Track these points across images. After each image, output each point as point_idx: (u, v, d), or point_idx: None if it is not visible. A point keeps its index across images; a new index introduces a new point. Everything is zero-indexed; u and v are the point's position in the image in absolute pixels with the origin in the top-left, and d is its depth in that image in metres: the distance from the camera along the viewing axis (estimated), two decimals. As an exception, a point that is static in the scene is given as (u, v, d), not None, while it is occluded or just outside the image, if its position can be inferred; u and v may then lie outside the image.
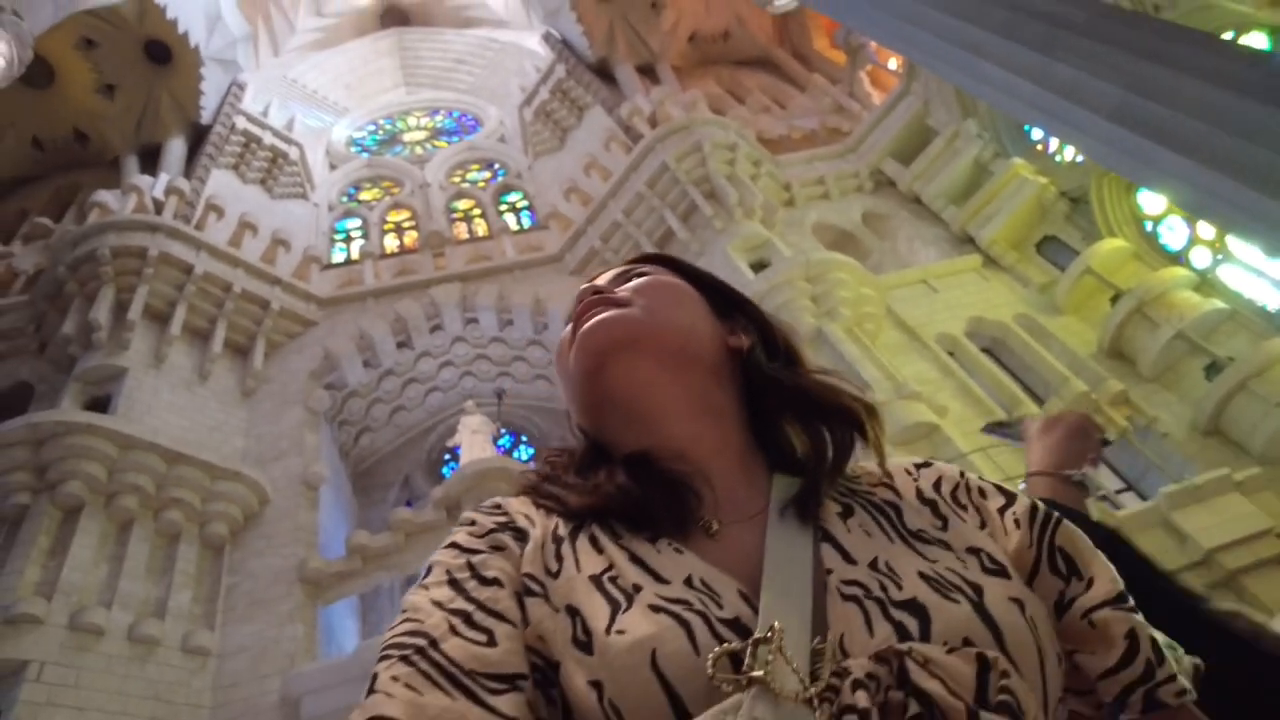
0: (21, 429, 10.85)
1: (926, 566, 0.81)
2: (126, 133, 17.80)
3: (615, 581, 0.79)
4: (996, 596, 0.78)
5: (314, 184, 19.26)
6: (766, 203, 14.86)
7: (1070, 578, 0.89)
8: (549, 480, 0.96)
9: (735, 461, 0.93)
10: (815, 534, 0.85)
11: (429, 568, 0.84)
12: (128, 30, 16.67)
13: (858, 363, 11.23)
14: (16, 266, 15.45)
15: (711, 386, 0.97)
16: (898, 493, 0.96)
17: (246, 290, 14.43)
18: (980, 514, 0.94)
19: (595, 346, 0.95)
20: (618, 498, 0.87)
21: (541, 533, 0.87)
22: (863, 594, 0.77)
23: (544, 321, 15.75)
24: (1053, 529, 0.92)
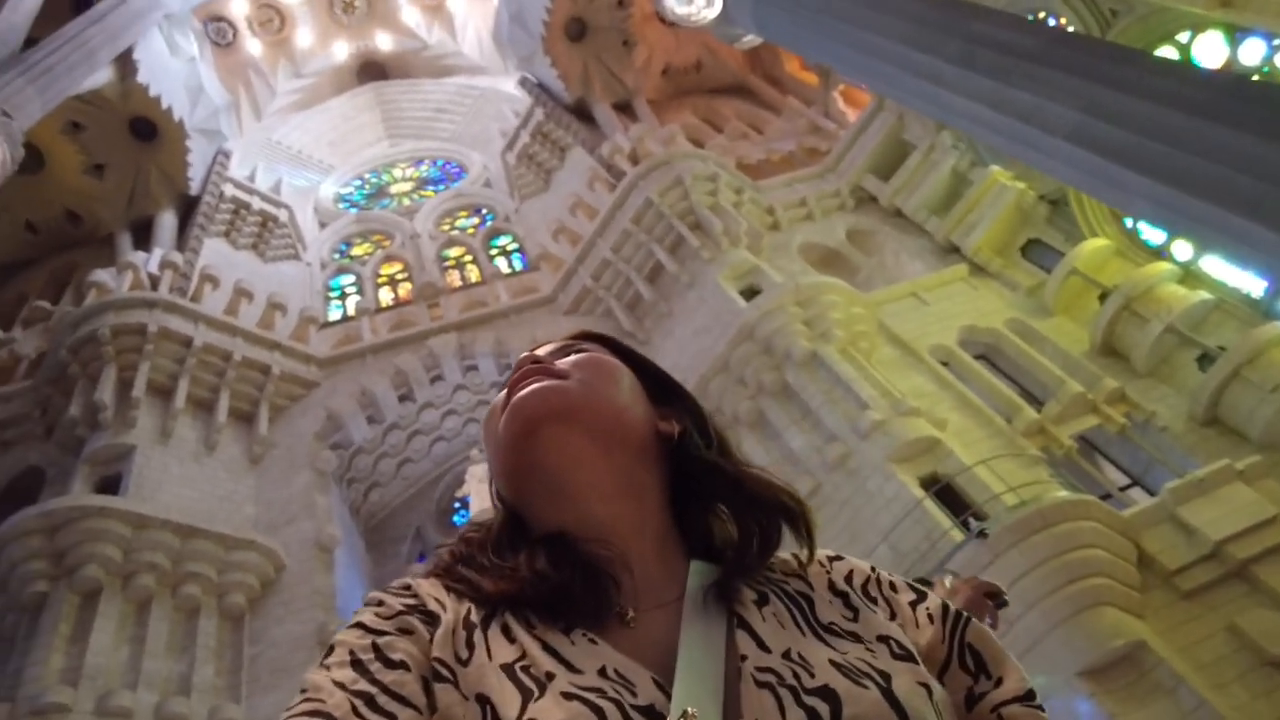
0: (35, 517, 10.97)
1: (838, 656, 0.83)
2: (118, 210, 18.05)
3: (528, 670, 0.79)
4: (904, 682, 0.80)
5: (305, 244, 19.50)
6: (751, 229, 15.06)
7: (979, 675, 0.92)
8: (463, 561, 0.95)
9: (653, 544, 0.94)
10: (730, 620, 0.87)
11: (331, 647, 0.83)
12: (112, 110, 16.97)
13: (854, 383, 11.36)
14: (18, 351, 15.60)
15: (638, 468, 0.97)
16: (810, 584, 0.96)
17: (247, 357, 14.59)
18: (891, 606, 0.96)
19: (529, 413, 0.94)
20: (535, 584, 0.86)
21: (453, 618, 0.86)
22: (776, 681, 0.78)
23: (542, 363, 15.86)
24: (963, 627, 0.95)
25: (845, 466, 10.91)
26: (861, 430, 10.79)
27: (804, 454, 11.50)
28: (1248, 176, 5.01)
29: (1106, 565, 8.66)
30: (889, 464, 10.42)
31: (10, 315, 16.95)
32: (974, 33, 7.00)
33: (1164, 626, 8.54)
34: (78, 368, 13.71)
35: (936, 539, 9.34)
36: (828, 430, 11.36)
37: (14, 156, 9.57)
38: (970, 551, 8.65)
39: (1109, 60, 6.07)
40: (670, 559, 0.94)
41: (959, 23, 7.29)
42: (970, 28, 7.14)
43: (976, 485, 9.79)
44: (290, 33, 23.15)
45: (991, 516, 9.07)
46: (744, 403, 12.61)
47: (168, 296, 14.50)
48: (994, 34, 6.89)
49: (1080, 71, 6.04)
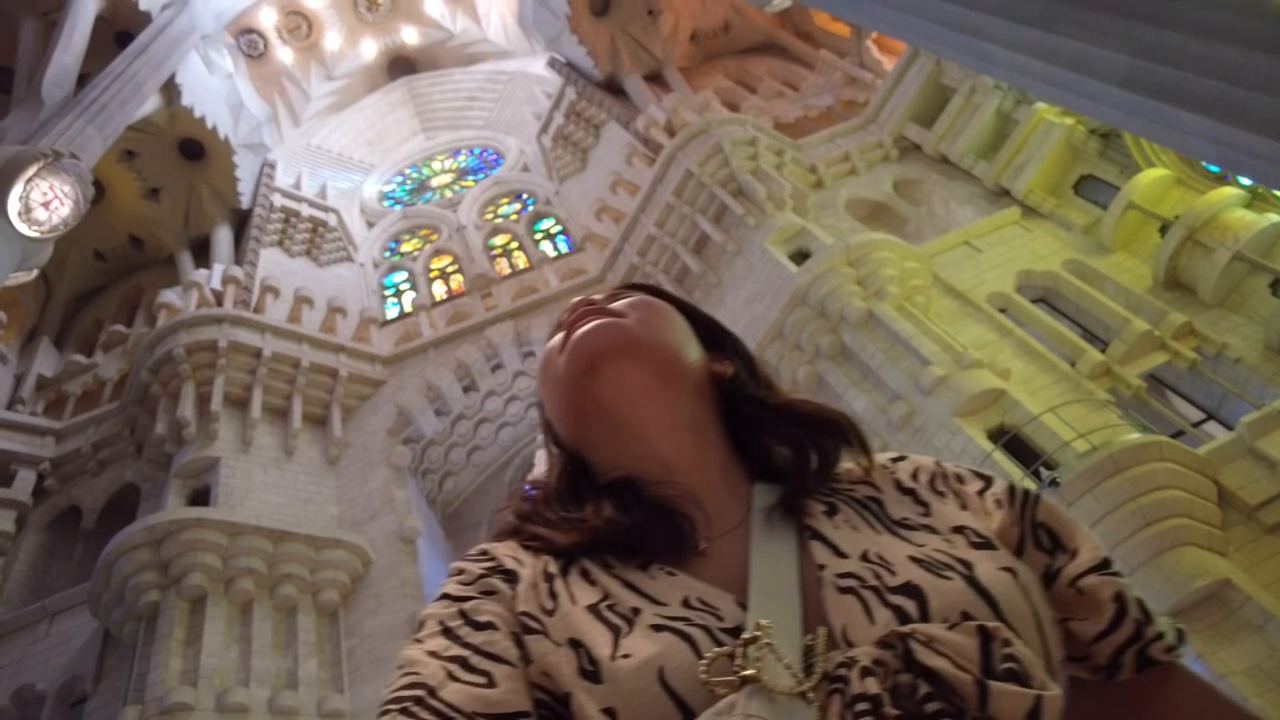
0: (140, 532, 11.63)
1: (916, 550, 0.82)
2: (176, 230, 18.69)
3: (613, 608, 0.80)
4: (987, 569, 0.80)
5: (356, 245, 19.96)
6: (795, 190, 14.95)
7: (1055, 551, 0.91)
8: (530, 519, 0.96)
9: (718, 474, 0.95)
10: (802, 534, 0.88)
11: (421, 622, 0.85)
12: (162, 135, 17.51)
13: (914, 339, 11.32)
14: (102, 375, 16.41)
15: (695, 403, 0.99)
16: (877, 487, 0.97)
17: (314, 363, 15.10)
18: (959, 498, 0.96)
19: (591, 348, 0.96)
20: (607, 531, 0.87)
21: (532, 573, 0.88)
22: (858, 584, 0.79)
23: (598, 343, 16.11)
24: (1033, 505, 0.95)
25: (911, 425, 10.92)
26: (924, 387, 10.78)
27: (868, 415, 11.52)
28: (1311, 109, 4.91)
29: (1185, 505, 8.58)
30: (955, 419, 10.40)
31: (90, 341, 17.80)
32: (1014, -19, 6.85)
33: (1249, 563, 8.46)
34: (159, 387, 14.36)
35: (1008, 491, 9.33)
36: (890, 389, 11.36)
37: (85, 196, 10.02)
38: (1044, 502, 8.64)
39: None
40: (735, 486, 0.96)
41: (997, -29, 7.13)
42: (1010, -24, 6.99)
43: (1045, 434, 9.73)
44: (319, 37, 23.46)
45: (1062, 464, 9.04)
46: (802, 368, 12.65)
47: (233, 311, 15.05)
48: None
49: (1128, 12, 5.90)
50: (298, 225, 18.98)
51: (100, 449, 14.83)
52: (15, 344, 17.14)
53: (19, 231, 9.31)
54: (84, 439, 14.87)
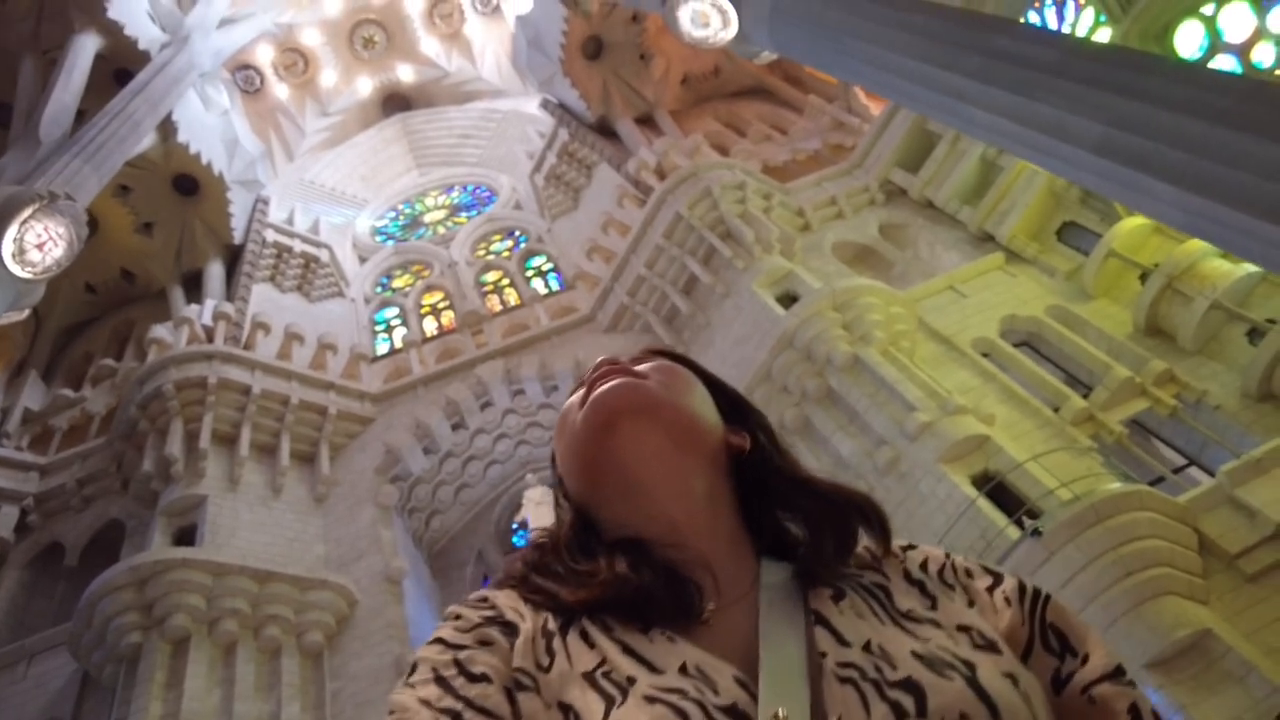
0: (125, 573, 11.55)
1: (919, 645, 0.82)
2: (168, 265, 18.75)
3: (609, 676, 0.79)
4: (990, 672, 0.79)
5: (348, 280, 20.05)
6: (783, 234, 15.17)
7: (1064, 654, 0.90)
8: (537, 570, 0.95)
9: (725, 544, 0.95)
10: (808, 617, 0.87)
11: (414, 665, 0.83)
12: (156, 171, 17.64)
13: (899, 384, 11.45)
14: (90, 410, 16.36)
15: (709, 470, 0.99)
16: (886, 575, 0.96)
17: (303, 400, 15.12)
18: (968, 593, 0.95)
19: (611, 406, 0.96)
20: (616, 588, 0.87)
21: (531, 627, 0.87)
22: (859, 676, 0.78)
23: (587, 382, 16.20)
24: (1043, 606, 0.93)
25: (896, 470, 11.02)
26: (910, 432, 10.89)
27: (854, 459, 11.63)
28: (1271, 182, 5.10)
29: (1165, 554, 8.68)
30: (939, 464, 10.51)
31: (79, 374, 17.76)
32: (994, 47, 7.08)
33: (1230, 612, 8.54)
34: (147, 423, 14.33)
35: (992, 538, 9.43)
36: (876, 434, 11.47)
37: (80, 237, 10.09)
38: (1026, 550, 8.74)
39: (1130, 70, 6.14)
40: (742, 559, 0.95)
41: (978, 37, 7.38)
42: (990, 42, 7.22)
43: (1028, 481, 9.84)
44: (314, 73, 23.76)
45: (1045, 513, 9.14)
46: (789, 410, 12.76)
47: (224, 348, 15.09)
48: (1013, 48, 6.97)
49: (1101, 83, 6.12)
50: (290, 261, 19.07)
51: (85, 485, 14.75)
52: (2, 377, 17.08)
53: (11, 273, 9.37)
54: (69, 474, 14.80)
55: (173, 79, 15.45)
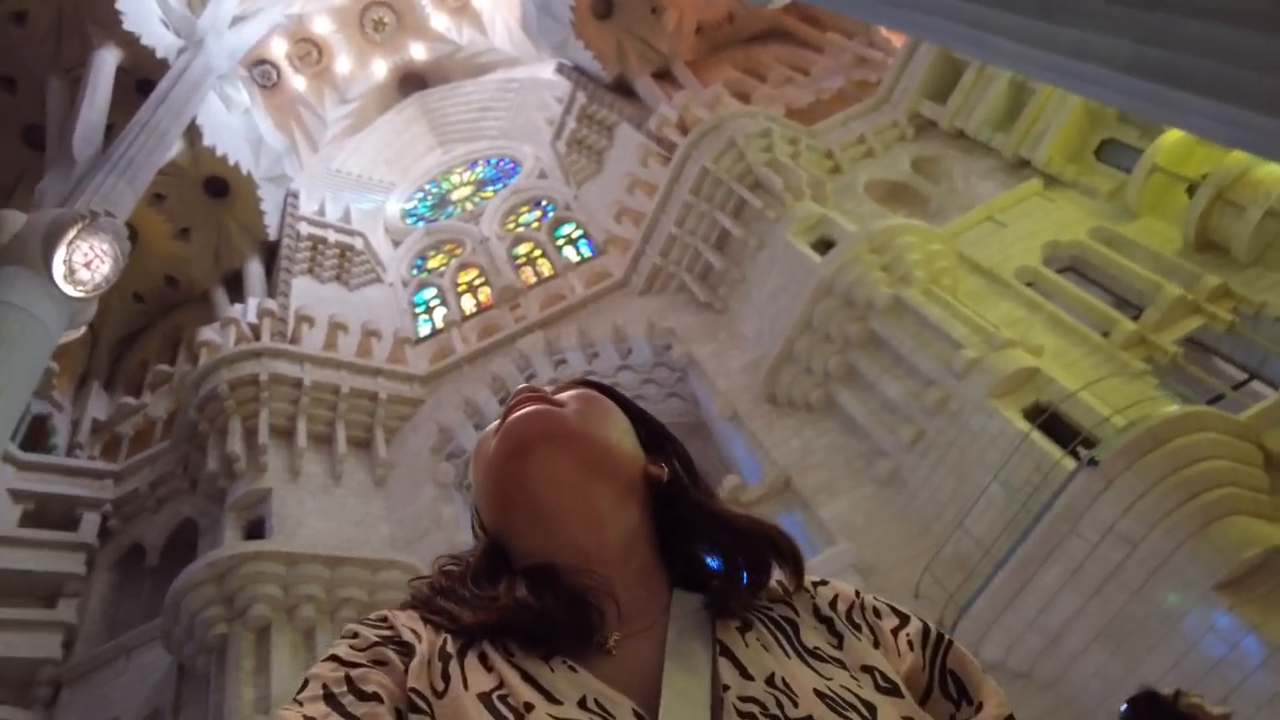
0: (203, 569, 12.05)
1: (822, 683, 0.82)
2: (208, 267, 19.15)
3: (505, 700, 0.78)
4: (889, 716, 0.80)
5: (384, 266, 20.28)
6: (813, 178, 14.94)
7: (960, 701, 0.92)
8: (442, 593, 0.94)
9: (636, 574, 0.94)
10: (714, 649, 0.87)
11: (305, 681, 0.82)
12: (187, 177, 17.93)
13: (943, 322, 11.32)
14: (151, 415, 16.92)
15: (625, 500, 0.97)
16: (795, 610, 0.97)
17: (354, 388, 15.46)
18: (874, 633, 0.96)
19: (523, 433, 0.95)
20: (516, 613, 0.85)
21: (428, 648, 0.85)
22: (759, 711, 0.78)
23: (627, 347, 16.29)
24: (944, 652, 0.95)
25: (946, 409, 10.94)
26: (957, 370, 10.79)
27: (902, 401, 11.57)
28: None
29: (1229, 474, 8.53)
30: (990, 400, 10.41)
31: (137, 382, 18.34)
32: (1012, -29, 6.83)
33: (1300, 527, 8.40)
34: (206, 424, 14.78)
35: (1048, 470, 9.35)
36: (923, 375, 11.39)
37: (123, 250, 10.36)
38: (1083, 481, 8.65)
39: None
40: (654, 589, 0.95)
41: (997, -39, 7.12)
42: (1009, -35, 6.97)
43: (1082, 410, 9.71)
44: (329, 62, 23.77)
45: (1101, 441, 9.02)
46: (833, 358, 12.71)
47: (271, 344, 15.43)
48: (1034, -30, 6.72)
49: (1128, -1, 5.89)
50: (325, 252, 19.34)
51: (157, 487, 15.32)
52: (68, 391, 17.72)
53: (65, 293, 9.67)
54: (141, 479, 15.38)
55: (192, 84, 15.62)
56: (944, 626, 9.78)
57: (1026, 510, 9.22)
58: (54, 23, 16.36)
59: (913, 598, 10.37)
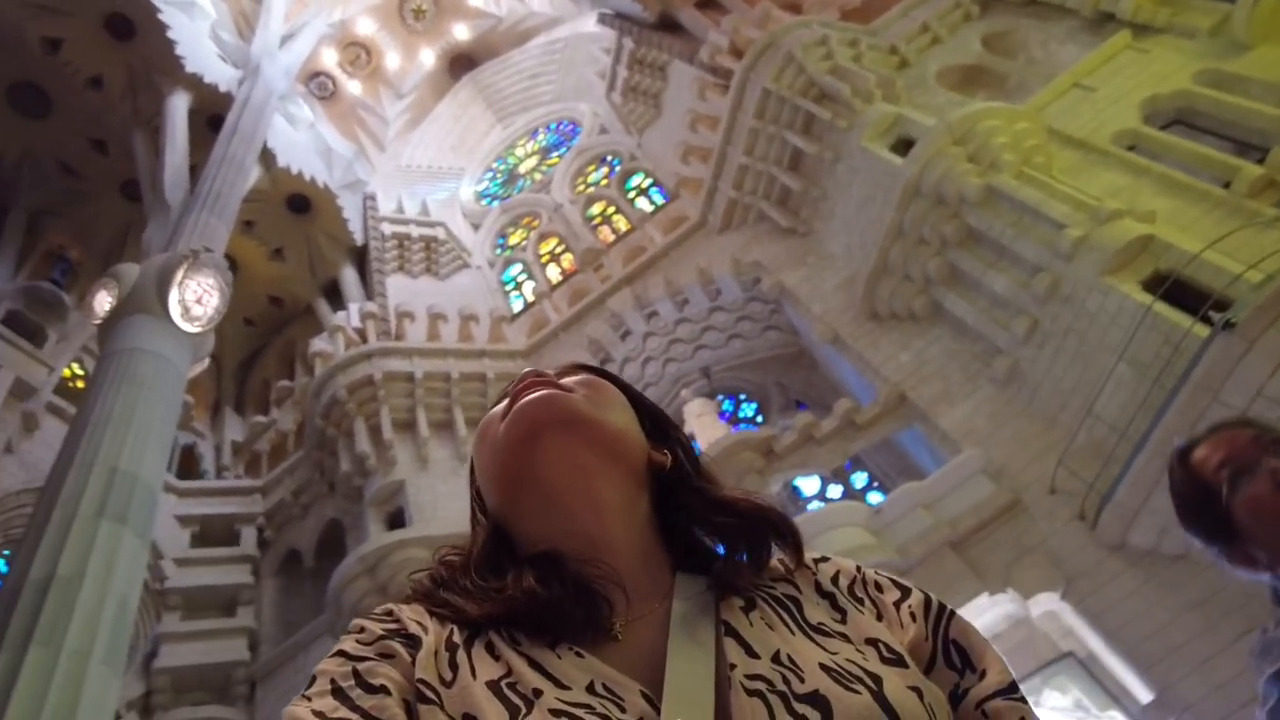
0: (354, 564, 12.87)
1: (827, 658, 0.82)
2: (306, 281, 20.01)
3: (514, 687, 0.78)
4: (896, 686, 0.80)
5: (469, 250, 20.70)
6: (880, 78, 14.24)
7: (964, 670, 0.92)
8: (444, 585, 0.94)
9: (640, 559, 0.94)
10: (719, 629, 0.87)
11: (313, 677, 0.82)
12: (270, 199, 18.67)
13: (1042, 205, 10.69)
14: (282, 428, 17.99)
15: (630, 486, 0.97)
16: (797, 587, 0.97)
17: (462, 373, 15.99)
18: (877, 606, 0.96)
19: (533, 417, 0.94)
20: (524, 603, 0.86)
21: (435, 640, 0.85)
22: (766, 688, 0.78)
23: (715, 288, 16.16)
24: (946, 622, 0.95)
25: (1057, 295, 10.40)
26: (1064, 252, 10.20)
27: (1011, 294, 11.06)
28: None
29: (1391, 313, 7.79)
30: (1104, 278, 9.81)
31: (263, 400, 19.52)
32: None
33: None
34: (333, 429, 15.61)
35: (1178, 341, 8.76)
36: (1028, 263, 10.83)
37: (227, 280, 10.93)
38: (1220, 347, 8.05)
39: None
40: (657, 573, 0.95)
41: None
42: None
43: (1209, 271, 9.01)
44: (379, 60, 24.09)
45: (1236, 301, 8.37)
46: (931, 261, 12.24)
47: (379, 344, 16.10)
48: None
49: None
50: (411, 247, 19.88)
51: (300, 495, 16.35)
52: (206, 419, 19.03)
53: (185, 330, 10.30)
54: (284, 489, 16.45)
55: (257, 110, 16.16)
56: (1086, 518, 9.45)
57: (1160, 386, 8.70)
58: (126, 81, 17.22)
59: (1049, 494, 10.05)
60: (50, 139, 18.23)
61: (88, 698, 6.96)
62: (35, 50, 16.66)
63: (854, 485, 14.76)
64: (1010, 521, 10.23)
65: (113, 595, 7.73)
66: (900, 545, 10.34)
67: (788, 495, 14.31)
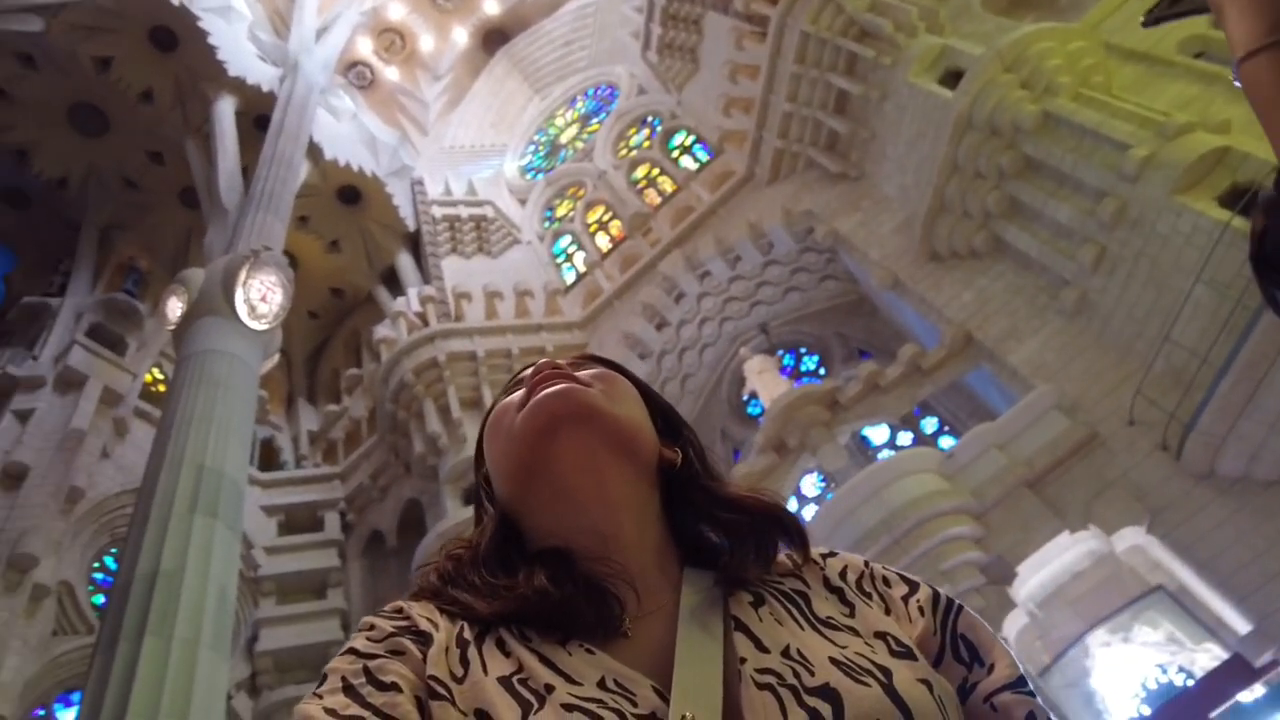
0: (434, 541, 13.27)
1: (837, 651, 0.82)
2: (364, 270, 20.44)
3: (525, 683, 0.78)
4: (905, 678, 0.80)
5: (518, 226, 20.82)
6: (923, 9, 13.68)
7: (972, 664, 0.92)
8: (453, 582, 0.93)
9: (651, 555, 0.95)
10: (728, 624, 0.87)
11: (324, 675, 0.82)
12: (321, 193, 19.04)
13: (1103, 126, 10.22)
14: (354, 415, 18.52)
15: (642, 483, 0.98)
16: (805, 582, 0.97)
17: (522, 348, 16.20)
18: (885, 601, 0.96)
19: (552, 410, 0.94)
20: (536, 602, 0.86)
21: (445, 636, 0.85)
22: (776, 682, 0.78)
23: (767, 241, 15.94)
24: (955, 616, 0.95)
25: (1125, 219, 9.97)
26: (1129, 174, 9.76)
27: (1075, 222, 10.66)
28: None
29: None
30: (1175, 197, 9.36)
31: (334, 389, 20.10)
32: None
33: None
34: (403, 412, 16.02)
35: (1263, 256, 8.33)
36: (1092, 188, 10.40)
37: (288, 277, 11.24)
38: (1311, 257, 7.64)
39: None
40: (666, 568, 0.95)
41: None
42: None
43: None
44: (413, 44, 24.16)
45: (1324, 208, 7.91)
46: (990, 195, 11.85)
47: (440, 326, 16.41)
48: None
49: None
50: (461, 228, 20.09)
51: (377, 478, 16.87)
52: (281, 412, 19.71)
53: (253, 329, 10.65)
54: (362, 474, 17.00)
55: (300, 106, 16.44)
56: (1169, 449, 9.14)
57: (1243, 307, 8.31)
58: (174, 91, 17.69)
59: (1127, 426, 9.74)
60: (110, 155, 18.87)
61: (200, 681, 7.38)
62: (89, 71, 17.20)
63: (924, 431, 14.55)
64: (1088, 457, 9.97)
65: (213, 585, 8.15)
66: (975, 488, 10.18)
67: (856, 446, 14.19)
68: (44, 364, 14.90)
